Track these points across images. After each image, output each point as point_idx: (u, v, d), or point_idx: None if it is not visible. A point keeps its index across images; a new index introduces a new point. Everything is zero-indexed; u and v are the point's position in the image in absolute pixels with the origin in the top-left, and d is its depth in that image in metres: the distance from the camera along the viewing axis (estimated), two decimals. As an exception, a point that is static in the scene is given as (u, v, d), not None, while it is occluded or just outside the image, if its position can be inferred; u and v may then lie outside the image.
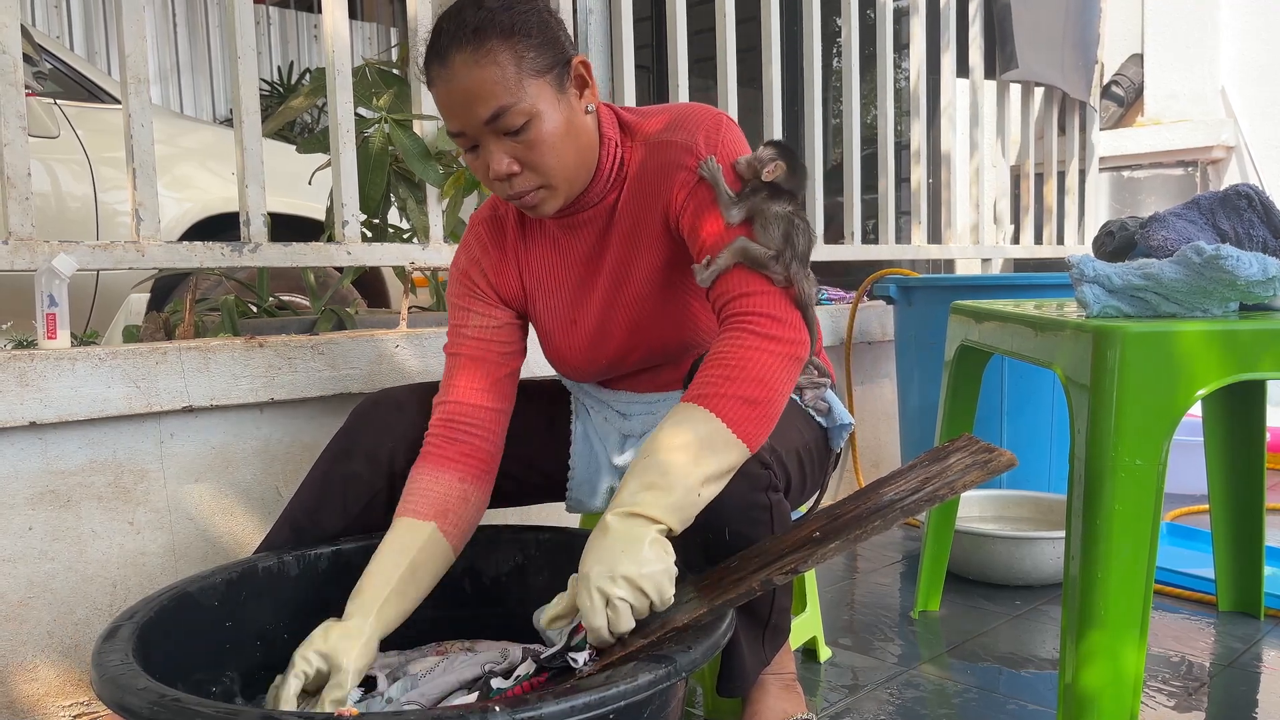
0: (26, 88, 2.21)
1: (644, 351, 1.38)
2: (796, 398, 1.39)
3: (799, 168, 1.25)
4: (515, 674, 1.15)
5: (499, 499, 1.49)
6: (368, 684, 1.25)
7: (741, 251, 1.20)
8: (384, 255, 2.05)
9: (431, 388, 1.47)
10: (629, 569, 1.05)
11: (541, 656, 1.13)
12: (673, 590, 1.08)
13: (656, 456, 1.10)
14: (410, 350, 1.87)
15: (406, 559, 1.25)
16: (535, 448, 1.50)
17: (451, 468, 1.33)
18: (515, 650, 1.21)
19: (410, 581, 1.26)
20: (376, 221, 2.28)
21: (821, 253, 3.02)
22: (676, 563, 1.09)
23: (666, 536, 1.09)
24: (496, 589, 1.46)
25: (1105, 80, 4.40)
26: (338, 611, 1.22)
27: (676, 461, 1.09)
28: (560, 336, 1.43)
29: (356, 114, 2.07)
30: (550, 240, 1.41)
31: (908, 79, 3.46)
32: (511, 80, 1.19)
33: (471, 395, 1.37)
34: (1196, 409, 1.98)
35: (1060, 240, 4.08)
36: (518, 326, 1.44)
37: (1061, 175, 4.04)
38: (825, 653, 1.73)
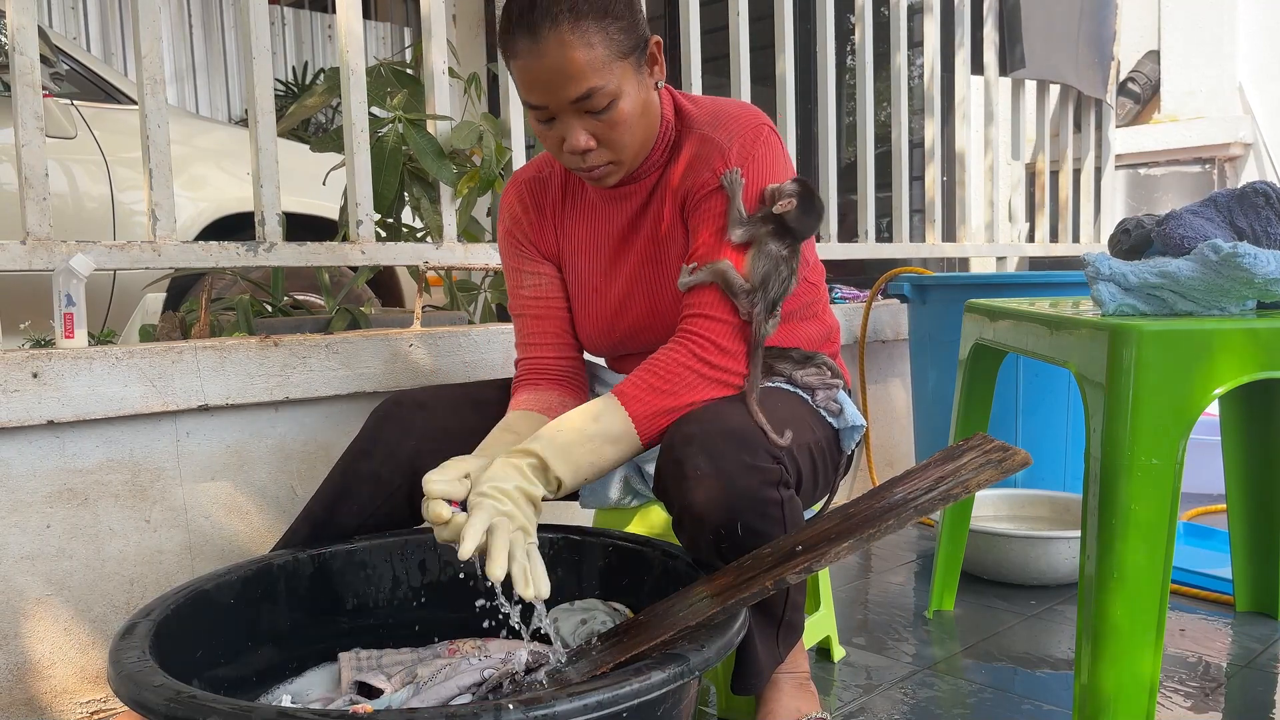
0: (44, 89, 2.23)
1: (660, 331, 1.40)
2: (808, 397, 1.39)
3: (813, 211, 1.29)
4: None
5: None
6: (372, 692, 1.26)
7: (721, 275, 1.27)
8: (398, 254, 2.06)
9: (452, 389, 1.47)
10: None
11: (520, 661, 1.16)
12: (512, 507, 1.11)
13: (562, 430, 1.20)
14: (424, 349, 1.88)
15: (513, 429, 1.31)
16: None
17: (547, 386, 1.42)
18: (521, 652, 1.21)
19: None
20: (390, 221, 2.28)
21: (835, 251, 3.01)
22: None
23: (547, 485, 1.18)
24: (509, 588, 1.46)
25: (1121, 77, 4.37)
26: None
27: (578, 445, 1.19)
28: (582, 303, 1.46)
29: (370, 113, 2.08)
30: (590, 208, 1.45)
31: (921, 76, 3.45)
32: (601, 62, 1.20)
33: (545, 350, 1.45)
34: (1214, 408, 1.96)
35: (1075, 238, 4.06)
36: (564, 281, 1.49)
37: (1077, 173, 4.02)
38: (839, 652, 1.73)
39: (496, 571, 1.04)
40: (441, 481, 1.14)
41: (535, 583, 1.06)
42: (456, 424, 1.41)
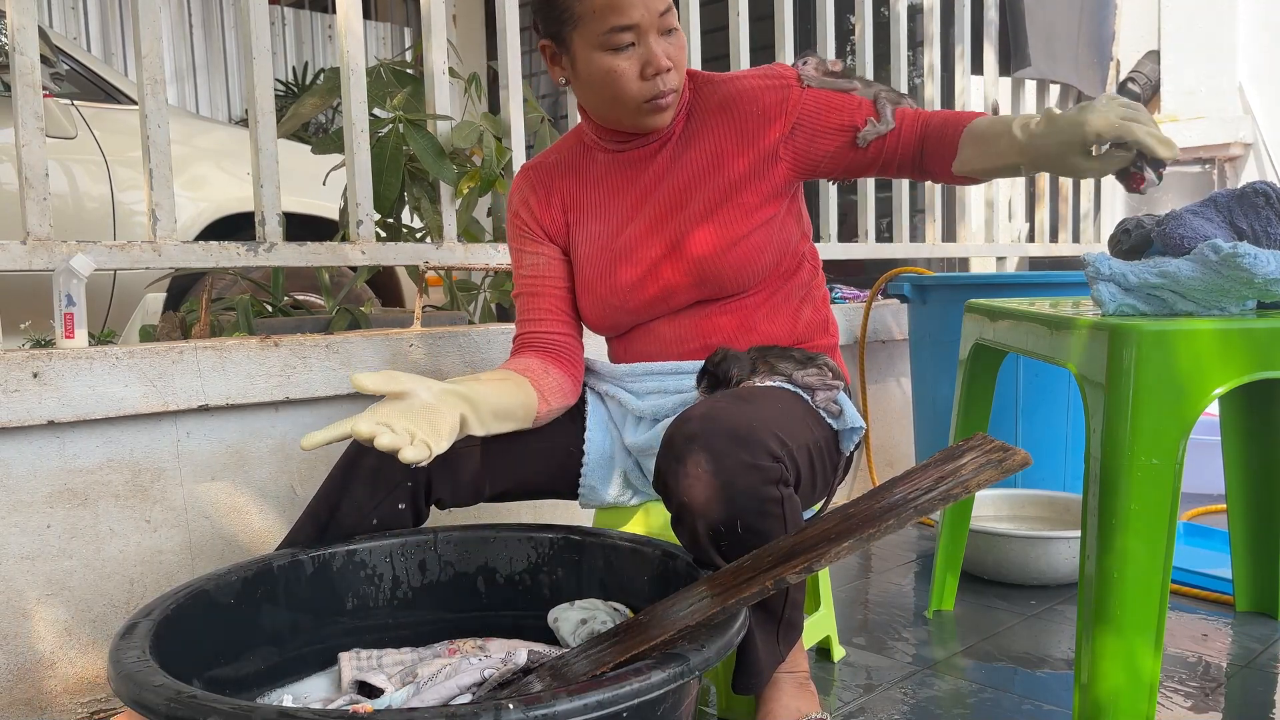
0: (44, 89, 2.23)
1: (679, 277, 1.45)
2: (808, 397, 1.39)
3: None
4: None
5: (512, 496, 1.50)
6: (372, 692, 1.26)
7: (892, 99, 1.45)
8: (398, 255, 2.06)
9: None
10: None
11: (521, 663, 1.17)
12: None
13: None
14: (424, 349, 1.88)
15: (499, 377, 1.39)
16: (550, 440, 1.51)
17: (530, 354, 1.48)
18: (521, 652, 1.21)
19: (503, 392, 1.36)
20: (390, 221, 2.29)
21: (835, 251, 3.01)
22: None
23: None
24: (509, 588, 1.46)
25: (1121, 77, 4.37)
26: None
27: None
28: (592, 267, 1.50)
29: (371, 114, 2.08)
30: (602, 177, 1.51)
31: (922, 77, 3.45)
32: None
33: (538, 326, 1.50)
34: (1214, 408, 1.96)
35: (1075, 238, 4.06)
36: (567, 262, 1.54)
37: (1077, 173, 4.01)
38: (839, 652, 1.73)
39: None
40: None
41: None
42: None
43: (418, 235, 2.34)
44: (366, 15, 6.71)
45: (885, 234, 3.37)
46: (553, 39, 1.41)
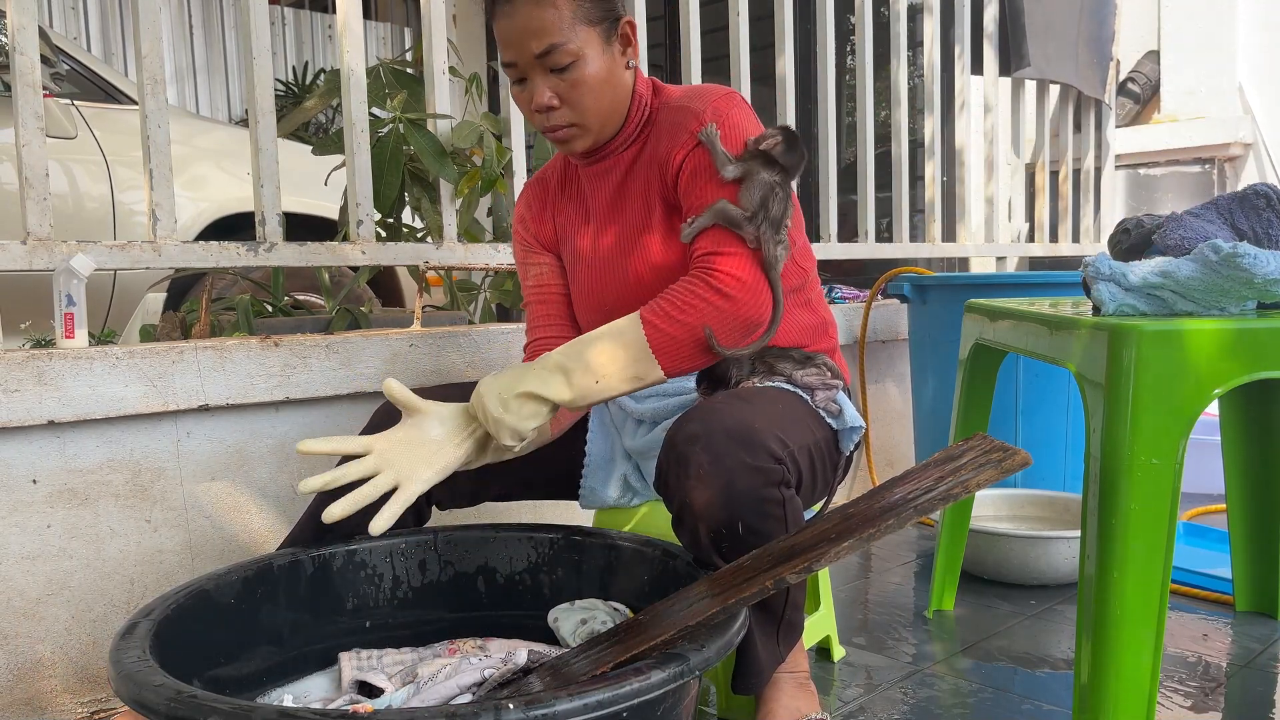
0: (44, 89, 2.23)
1: (645, 292, 1.42)
2: (808, 397, 1.39)
3: (797, 149, 1.34)
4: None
5: (512, 497, 1.50)
6: (372, 692, 1.26)
7: (720, 213, 1.30)
8: (398, 255, 2.06)
9: (451, 389, 1.48)
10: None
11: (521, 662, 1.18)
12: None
13: (583, 348, 1.27)
14: (424, 349, 1.88)
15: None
16: (551, 443, 1.51)
17: None
18: (521, 652, 1.21)
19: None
20: (391, 221, 2.28)
21: (835, 251, 3.01)
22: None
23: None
24: (510, 588, 1.46)
25: (1121, 77, 4.37)
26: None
27: (595, 356, 1.27)
28: (576, 278, 1.51)
29: (371, 114, 2.08)
30: (579, 189, 1.52)
31: (921, 76, 3.45)
32: (565, 23, 1.32)
33: (546, 331, 1.52)
34: (1214, 408, 1.96)
35: (1075, 238, 4.06)
36: (565, 270, 1.56)
37: (1077, 173, 4.02)
38: (839, 652, 1.73)
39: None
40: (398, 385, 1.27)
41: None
42: None
43: (418, 235, 2.34)
44: (366, 15, 6.71)
45: (885, 234, 3.37)
46: None
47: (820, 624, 1.66)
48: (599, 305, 1.48)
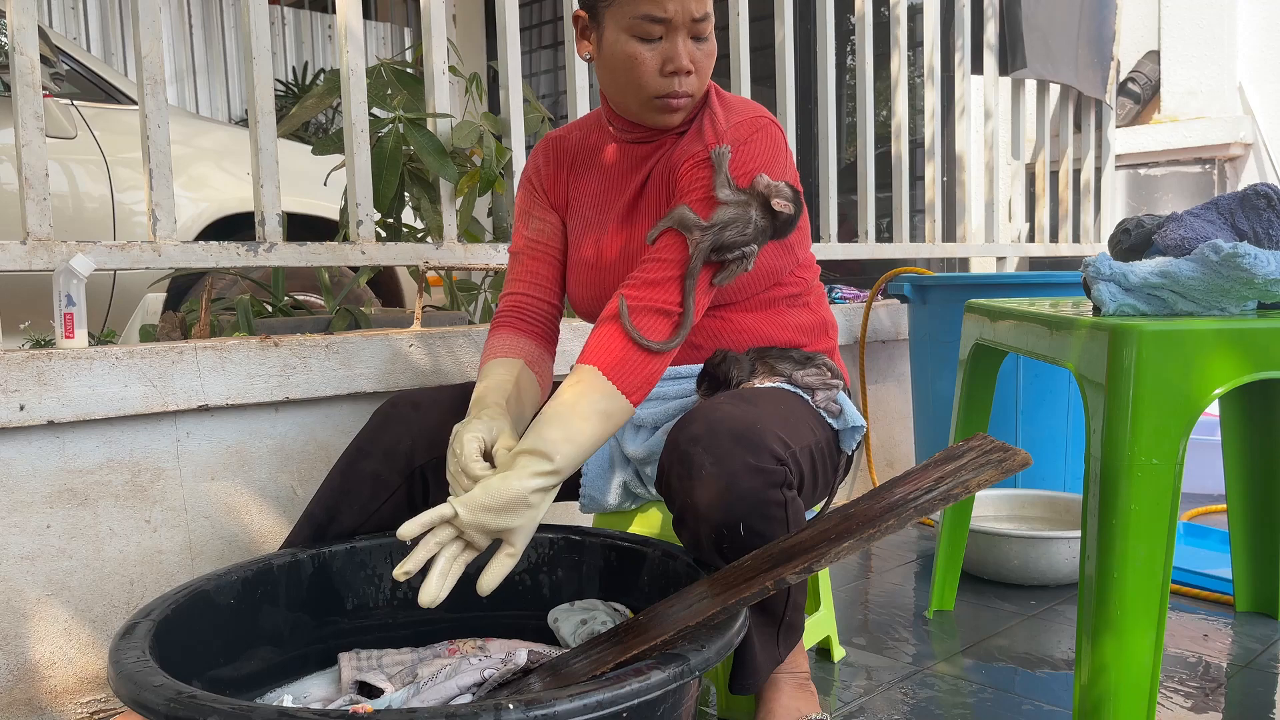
0: (44, 89, 2.23)
1: None
2: (808, 397, 1.39)
3: (794, 221, 1.36)
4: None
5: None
6: (372, 692, 1.26)
7: (678, 218, 1.32)
8: (398, 255, 2.06)
9: (450, 390, 1.48)
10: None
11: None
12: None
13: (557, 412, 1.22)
14: (424, 349, 1.88)
15: (511, 378, 1.38)
16: None
17: (526, 331, 1.48)
18: (521, 652, 1.21)
19: (517, 400, 1.36)
20: (391, 221, 2.29)
21: (835, 251, 3.01)
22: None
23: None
24: (509, 588, 1.46)
25: (1121, 77, 4.37)
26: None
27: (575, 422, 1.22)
28: (580, 253, 1.52)
29: (371, 114, 2.08)
30: (606, 166, 1.52)
31: (921, 77, 3.45)
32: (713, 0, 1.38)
33: (530, 289, 1.52)
34: (1214, 408, 1.96)
35: (1075, 238, 4.06)
36: (565, 236, 1.56)
37: (1077, 173, 4.02)
38: (839, 652, 1.73)
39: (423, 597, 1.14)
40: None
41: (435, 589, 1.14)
42: (455, 424, 1.41)
43: (418, 235, 2.34)
44: (366, 15, 6.71)
45: (885, 234, 3.37)
46: (588, 11, 1.42)
47: (820, 624, 1.66)
48: (600, 283, 1.49)
